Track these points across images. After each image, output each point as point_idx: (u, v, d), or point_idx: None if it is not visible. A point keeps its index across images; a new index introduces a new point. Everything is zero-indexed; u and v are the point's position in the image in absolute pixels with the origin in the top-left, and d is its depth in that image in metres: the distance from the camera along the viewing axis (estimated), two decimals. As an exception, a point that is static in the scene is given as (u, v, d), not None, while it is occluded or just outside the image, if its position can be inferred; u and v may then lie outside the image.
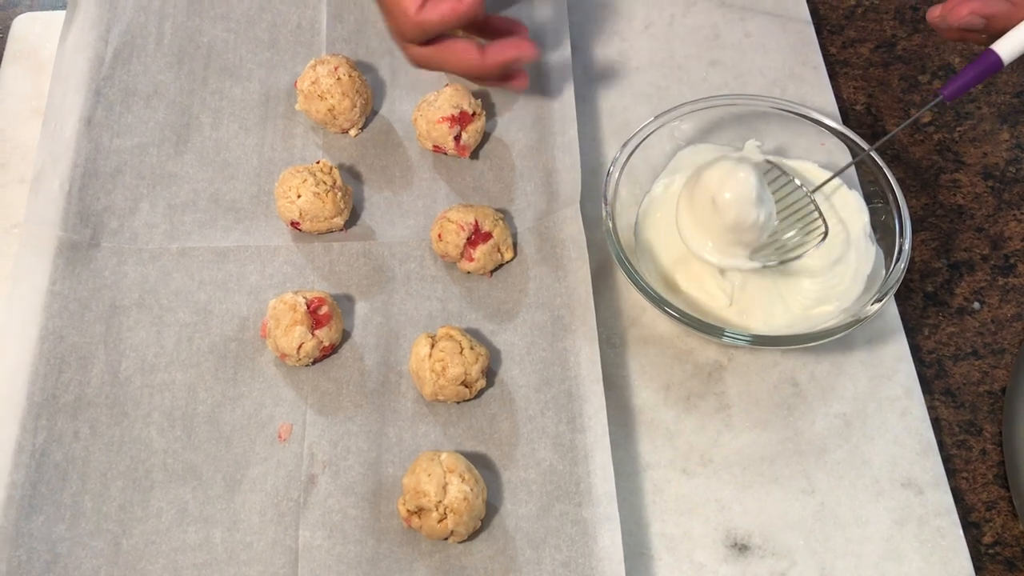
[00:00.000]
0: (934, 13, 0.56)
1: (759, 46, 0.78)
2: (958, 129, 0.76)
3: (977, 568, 0.59)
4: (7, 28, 0.78)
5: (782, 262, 0.64)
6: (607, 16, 0.80)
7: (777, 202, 0.63)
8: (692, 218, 0.63)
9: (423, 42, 0.60)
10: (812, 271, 0.65)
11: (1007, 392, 0.64)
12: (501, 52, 0.61)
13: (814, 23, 0.80)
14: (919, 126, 0.76)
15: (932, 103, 0.59)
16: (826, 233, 0.64)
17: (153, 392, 0.61)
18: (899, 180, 0.66)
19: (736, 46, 0.78)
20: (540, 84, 0.73)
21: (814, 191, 0.66)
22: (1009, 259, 0.70)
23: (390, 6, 0.58)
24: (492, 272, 0.66)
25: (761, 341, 0.60)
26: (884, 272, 0.63)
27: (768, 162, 0.66)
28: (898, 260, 0.62)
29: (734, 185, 0.61)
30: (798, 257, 0.63)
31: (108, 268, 0.65)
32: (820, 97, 0.75)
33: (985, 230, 0.72)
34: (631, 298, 0.67)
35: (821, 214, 0.65)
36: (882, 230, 0.65)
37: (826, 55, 0.79)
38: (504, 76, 0.64)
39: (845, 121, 0.76)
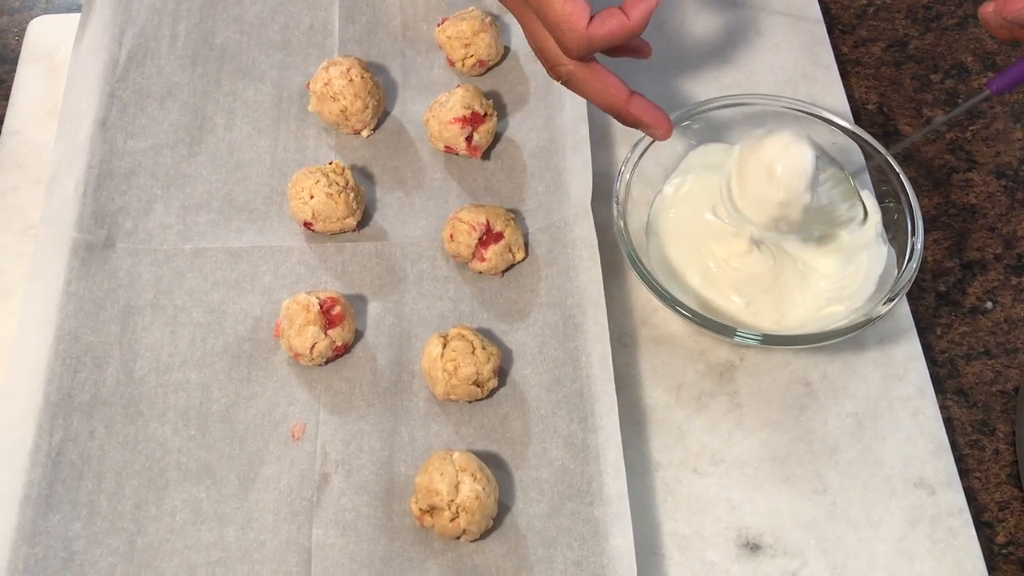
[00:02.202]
0: (987, 9, 0.55)
1: (771, 46, 0.78)
2: (971, 128, 0.76)
3: (990, 568, 0.59)
4: (23, 31, 0.79)
5: (821, 237, 0.63)
6: (618, 16, 0.80)
7: (821, 184, 0.63)
8: (739, 186, 0.62)
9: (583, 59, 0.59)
10: (825, 271, 0.65)
11: (1020, 392, 0.64)
12: (646, 111, 0.59)
13: (825, 22, 0.80)
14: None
15: (979, 98, 0.58)
16: (866, 215, 0.63)
17: (168, 391, 0.62)
18: (911, 179, 0.66)
19: (747, 46, 0.78)
20: (551, 84, 0.73)
21: (853, 174, 0.65)
22: (1022, 258, 0.70)
23: (555, 20, 0.55)
24: (504, 272, 0.66)
25: (773, 341, 0.60)
26: (896, 272, 0.63)
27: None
28: (910, 260, 0.62)
29: (792, 161, 0.60)
30: (844, 224, 0.63)
31: (123, 269, 0.66)
32: (832, 97, 0.75)
33: (998, 229, 0.71)
34: (642, 298, 0.67)
35: (860, 198, 0.64)
36: (894, 230, 0.65)
37: (838, 54, 0.79)
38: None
39: (857, 121, 0.76)
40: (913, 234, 0.63)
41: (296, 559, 0.56)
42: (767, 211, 0.62)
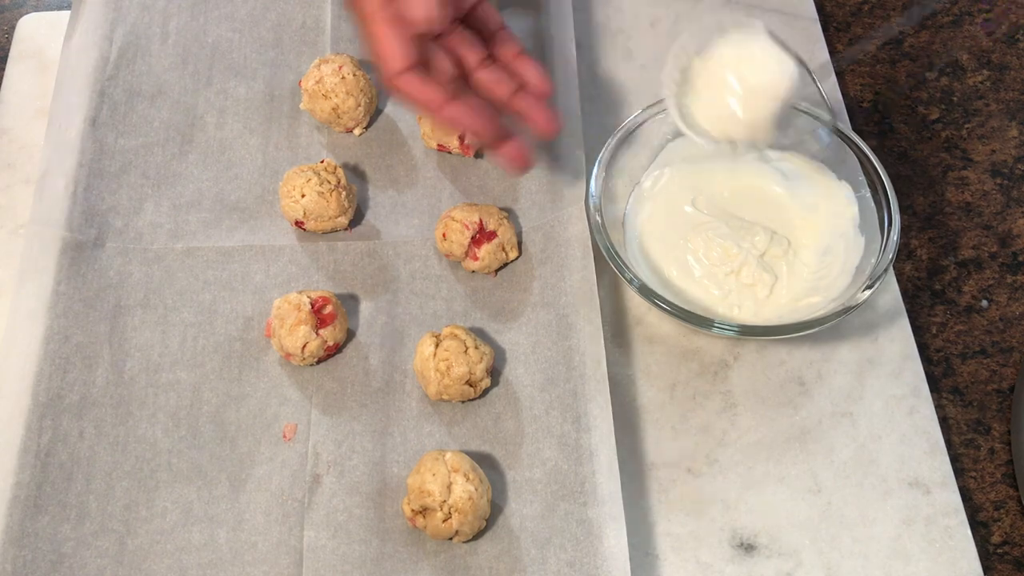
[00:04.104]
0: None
1: (765, 43, 0.78)
2: (966, 126, 0.76)
3: (985, 568, 0.58)
4: (12, 28, 0.78)
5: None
6: (612, 14, 0.80)
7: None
8: (699, 96, 0.56)
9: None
10: (803, 262, 0.65)
11: (1015, 390, 0.63)
12: (458, 115, 0.58)
13: (820, 20, 0.79)
14: (927, 123, 0.76)
15: None
16: (832, 123, 0.58)
17: (158, 392, 0.61)
18: (906, 177, 0.66)
19: (742, 43, 0.78)
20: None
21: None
22: (1017, 257, 0.70)
23: (374, 51, 0.57)
24: (497, 271, 0.66)
25: (751, 331, 0.60)
26: (872, 262, 0.63)
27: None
28: (886, 249, 0.62)
29: (777, 80, 0.54)
30: (795, 145, 0.58)
31: (113, 268, 0.65)
32: (827, 94, 0.75)
33: (993, 227, 0.71)
34: (636, 297, 0.66)
35: (824, 97, 0.59)
36: (871, 221, 0.65)
37: (833, 52, 0.78)
38: (498, 142, 0.60)
39: (852, 118, 0.75)
40: (890, 224, 0.63)
41: (287, 560, 0.56)
42: (730, 128, 0.56)
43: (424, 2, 0.55)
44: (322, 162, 0.66)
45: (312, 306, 0.61)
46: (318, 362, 0.62)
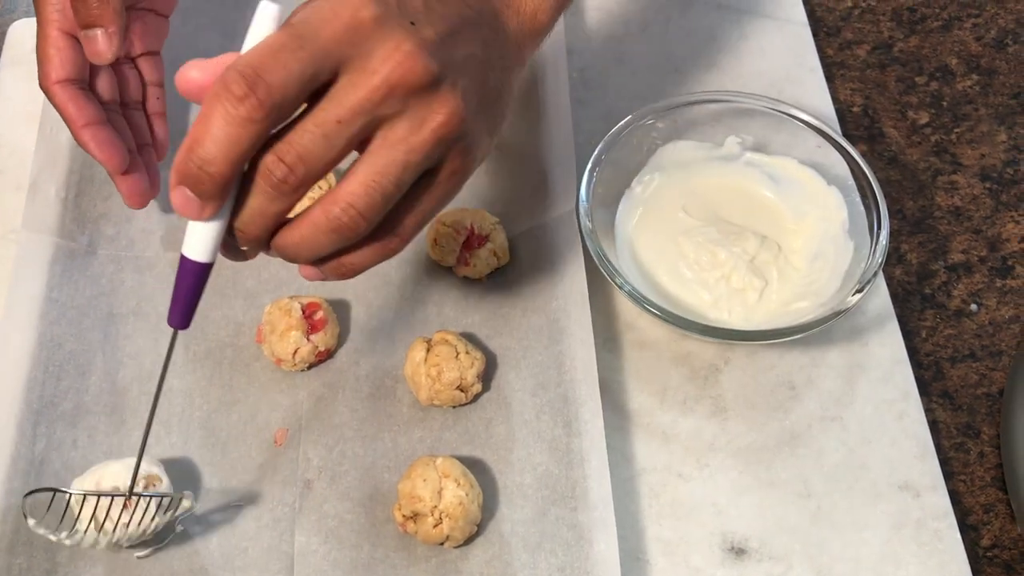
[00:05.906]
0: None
1: (756, 48, 0.78)
2: (955, 131, 0.76)
3: (975, 571, 0.58)
4: (3, 34, 0.78)
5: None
6: (603, 18, 0.80)
7: None
8: None
9: None
10: (794, 266, 0.66)
11: (1005, 394, 0.64)
12: (88, 140, 0.60)
13: (811, 25, 0.80)
14: (916, 128, 0.76)
15: (173, 340, 0.52)
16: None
17: (150, 400, 0.61)
18: (895, 182, 0.66)
19: (733, 48, 0.78)
20: (535, 87, 0.72)
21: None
22: (1007, 261, 0.70)
23: (39, 51, 0.59)
24: (488, 276, 0.66)
25: (740, 336, 0.61)
26: (862, 267, 0.63)
27: None
28: (875, 253, 0.62)
29: None
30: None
31: (105, 275, 0.65)
32: (817, 99, 0.75)
33: (983, 232, 0.71)
34: (626, 302, 0.67)
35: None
36: (860, 226, 0.65)
37: (823, 57, 0.79)
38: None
39: (842, 123, 0.76)
40: (879, 228, 0.63)
41: (278, 566, 0.56)
42: None
43: (107, 39, 0.57)
44: (313, 168, 0.66)
45: (303, 311, 0.61)
46: (309, 367, 0.62)
